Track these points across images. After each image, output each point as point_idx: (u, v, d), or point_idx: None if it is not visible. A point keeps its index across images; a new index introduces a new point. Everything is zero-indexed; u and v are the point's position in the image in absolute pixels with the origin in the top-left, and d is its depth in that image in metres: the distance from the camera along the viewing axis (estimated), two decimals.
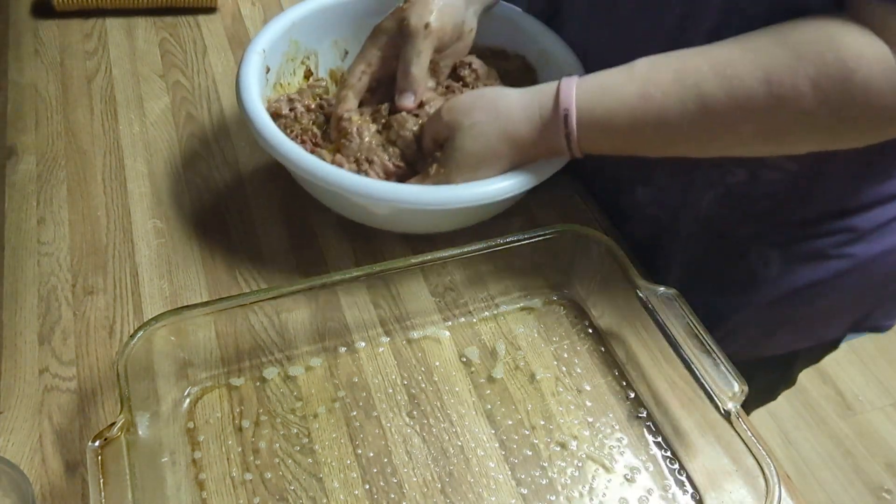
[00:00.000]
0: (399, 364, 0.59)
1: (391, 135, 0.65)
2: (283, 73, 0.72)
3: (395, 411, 0.56)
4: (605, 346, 0.61)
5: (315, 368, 0.58)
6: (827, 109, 0.50)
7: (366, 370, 0.58)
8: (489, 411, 0.57)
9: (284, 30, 0.70)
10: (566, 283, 0.64)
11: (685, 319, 0.54)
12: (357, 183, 0.58)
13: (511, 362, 0.60)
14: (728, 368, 0.52)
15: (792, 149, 0.55)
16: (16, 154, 0.73)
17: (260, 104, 0.63)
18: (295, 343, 0.59)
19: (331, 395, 0.57)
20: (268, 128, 0.61)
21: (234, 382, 0.57)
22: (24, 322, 0.59)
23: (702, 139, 0.55)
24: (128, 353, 0.50)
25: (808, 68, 0.49)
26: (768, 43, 0.51)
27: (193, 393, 0.56)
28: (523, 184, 0.60)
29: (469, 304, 0.63)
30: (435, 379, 0.58)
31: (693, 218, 0.68)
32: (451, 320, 0.62)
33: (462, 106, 0.60)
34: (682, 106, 0.53)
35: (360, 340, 0.60)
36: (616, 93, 0.56)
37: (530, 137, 0.58)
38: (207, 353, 0.57)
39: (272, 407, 0.56)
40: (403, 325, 0.61)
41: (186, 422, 0.55)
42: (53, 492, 0.50)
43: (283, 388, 0.57)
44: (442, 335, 0.61)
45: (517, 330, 0.62)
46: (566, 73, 0.67)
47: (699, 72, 0.53)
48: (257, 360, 0.58)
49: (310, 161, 0.59)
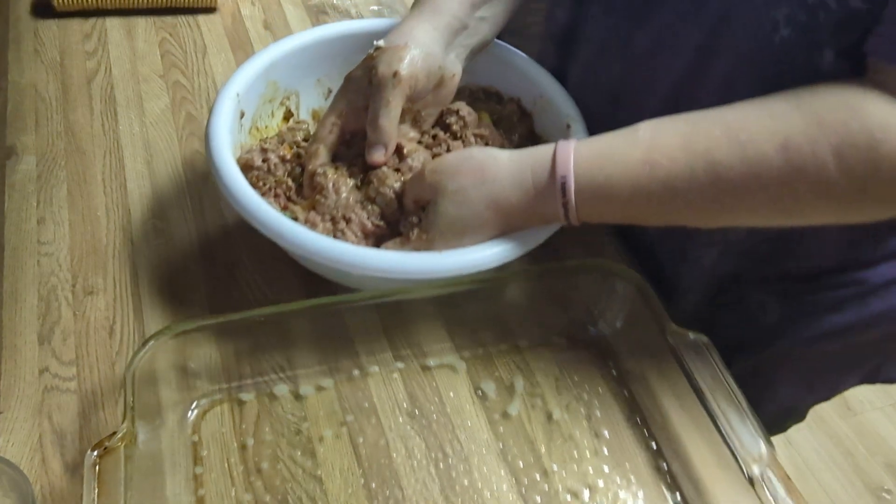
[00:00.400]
0: (411, 392, 0.57)
1: (370, 191, 0.60)
2: (261, 116, 0.68)
3: (404, 441, 0.54)
4: (628, 389, 0.58)
5: (326, 389, 0.57)
6: (850, 181, 0.46)
7: (376, 396, 0.57)
8: (502, 450, 0.54)
9: (262, 70, 0.66)
10: (590, 321, 0.61)
11: (714, 369, 0.51)
12: (330, 248, 0.53)
13: (528, 399, 0.57)
14: (755, 426, 0.48)
15: (807, 221, 0.51)
16: (16, 154, 0.73)
17: (229, 156, 0.58)
18: (307, 362, 0.57)
19: (339, 419, 0.55)
20: (236, 184, 0.56)
21: (244, 397, 0.56)
22: (24, 322, 0.59)
23: (711, 210, 0.51)
24: (137, 363, 0.49)
25: (830, 137, 0.46)
26: (786, 108, 0.48)
27: (202, 405, 0.55)
28: (510, 253, 0.55)
29: (487, 335, 0.60)
30: (447, 411, 0.56)
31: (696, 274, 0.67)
32: (467, 350, 0.60)
33: (447, 168, 0.56)
34: (691, 174, 0.49)
35: (374, 364, 0.58)
36: (618, 159, 0.52)
37: (521, 205, 0.54)
38: (217, 366, 0.56)
39: (278, 426, 0.54)
40: (418, 353, 0.59)
41: (191, 434, 0.53)
42: (53, 492, 0.50)
43: (291, 407, 0.56)
44: (458, 365, 0.59)
45: (536, 366, 0.59)
46: (563, 121, 0.65)
47: (710, 137, 0.49)
48: (268, 376, 0.57)
49: (279, 222, 0.54)
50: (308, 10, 0.95)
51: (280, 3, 0.96)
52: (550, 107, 0.68)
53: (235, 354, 0.56)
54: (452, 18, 0.63)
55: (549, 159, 0.53)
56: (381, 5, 0.98)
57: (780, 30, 0.51)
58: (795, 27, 0.51)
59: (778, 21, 0.51)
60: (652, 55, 0.61)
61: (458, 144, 0.65)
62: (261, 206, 0.55)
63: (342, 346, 0.58)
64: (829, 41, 0.50)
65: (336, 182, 0.60)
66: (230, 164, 0.57)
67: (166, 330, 0.51)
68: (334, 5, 0.97)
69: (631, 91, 0.64)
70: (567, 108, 0.66)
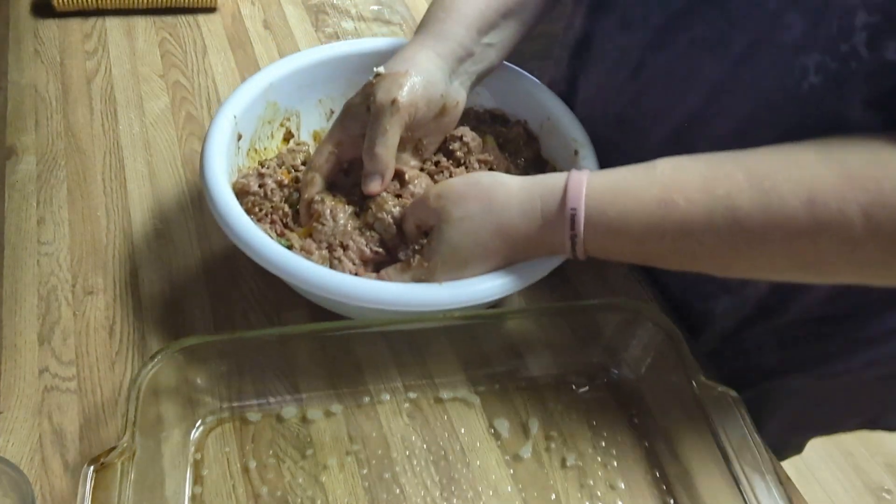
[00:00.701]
0: (422, 425, 0.55)
1: (368, 217, 0.59)
2: (259, 138, 0.66)
3: (412, 475, 0.52)
4: (648, 440, 0.55)
5: (334, 415, 0.55)
6: (877, 243, 0.43)
7: (385, 426, 0.55)
8: (510, 494, 0.52)
9: (260, 92, 0.64)
10: (613, 363, 0.58)
11: (742, 430, 0.48)
12: (326, 279, 0.52)
13: (542, 442, 0.55)
14: (780, 497, 0.46)
15: (828, 279, 0.49)
16: (16, 154, 0.73)
17: (224, 181, 0.57)
18: (316, 385, 0.56)
19: (345, 448, 0.53)
20: (230, 211, 0.55)
21: (250, 417, 0.54)
22: (24, 322, 0.59)
23: (727, 257, 0.48)
24: (143, 378, 0.48)
25: (859, 194, 0.43)
26: (814, 160, 0.45)
27: (207, 423, 0.54)
28: (510, 286, 0.53)
29: (503, 370, 0.58)
30: (458, 448, 0.54)
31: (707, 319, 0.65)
32: (482, 384, 0.57)
33: (453, 194, 0.53)
34: (709, 217, 0.46)
35: (385, 392, 0.56)
36: (633, 195, 0.49)
37: (528, 234, 0.52)
38: (225, 384, 0.54)
39: (283, 450, 0.53)
40: (430, 384, 0.57)
41: (194, 452, 0.52)
42: (53, 492, 0.50)
43: (297, 431, 0.54)
44: (472, 399, 0.56)
45: (553, 406, 0.56)
46: (571, 146, 0.63)
47: (732, 180, 0.46)
48: (277, 396, 0.55)
49: (271, 249, 0.53)
50: (308, 10, 0.95)
51: (280, 2, 0.96)
52: (557, 130, 0.66)
53: (243, 373, 0.54)
54: (457, 46, 0.61)
55: (560, 188, 0.51)
56: (380, 5, 0.98)
57: (810, 77, 0.49)
58: (826, 75, 0.48)
59: (808, 68, 0.49)
60: (665, 83, 0.59)
61: (462, 171, 0.63)
62: (254, 234, 0.53)
63: (352, 372, 0.57)
64: (859, 91, 0.47)
65: (334, 209, 0.59)
66: (224, 190, 0.56)
67: (174, 344, 0.50)
68: (334, 5, 0.97)
69: (640, 117, 0.62)
70: (574, 132, 0.64)
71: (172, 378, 0.51)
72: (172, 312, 0.61)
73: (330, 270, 0.53)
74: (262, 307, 0.62)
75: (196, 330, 0.60)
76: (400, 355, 0.58)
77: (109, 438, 0.53)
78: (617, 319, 0.56)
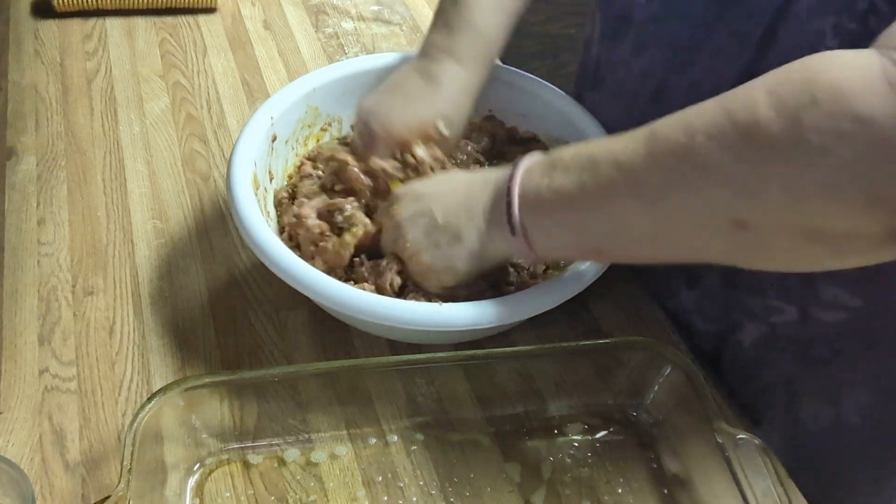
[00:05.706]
0: (432, 467, 0.53)
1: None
2: (298, 140, 0.68)
3: None
4: (668, 488, 0.52)
5: (340, 457, 0.53)
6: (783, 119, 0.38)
7: (395, 468, 0.53)
8: None
9: (301, 96, 0.66)
10: (632, 405, 0.56)
11: (767, 480, 0.45)
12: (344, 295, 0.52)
13: (555, 488, 0.52)
14: None
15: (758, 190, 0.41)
16: (16, 154, 0.73)
17: (250, 193, 0.57)
18: (322, 425, 0.54)
19: (351, 493, 0.51)
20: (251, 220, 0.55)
21: (252, 460, 0.52)
22: (24, 322, 0.59)
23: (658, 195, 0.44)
24: (140, 420, 0.46)
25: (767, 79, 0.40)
26: None
27: (207, 465, 0.51)
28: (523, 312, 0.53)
29: (518, 408, 0.56)
30: (467, 493, 0.51)
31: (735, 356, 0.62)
32: (495, 424, 0.55)
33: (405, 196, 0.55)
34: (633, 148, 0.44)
35: (393, 434, 0.54)
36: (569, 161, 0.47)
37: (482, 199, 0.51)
38: (225, 426, 0.52)
39: (284, 495, 0.50)
40: (443, 422, 0.55)
41: (193, 498, 0.50)
42: (53, 491, 0.50)
43: (301, 475, 0.52)
44: (484, 441, 0.54)
45: (568, 449, 0.54)
46: None
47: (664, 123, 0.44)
48: (279, 438, 0.53)
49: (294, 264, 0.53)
50: (308, 10, 0.95)
51: (280, 3, 0.96)
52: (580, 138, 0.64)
53: (245, 413, 0.53)
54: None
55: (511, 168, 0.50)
56: (380, 5, 0.98)
57: (827, 40, 0.47)
58: (843, 38, 0.47)
59: (824, 32, 0.47)
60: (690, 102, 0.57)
61: None
62: (274, 244, 0.54)
63: (361, 411, 0.55)
64: None
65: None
66: (249, 200, 0.56)
67: (174, 385, 0.48)
68: (334, 5, 0.97)
69: None
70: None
71: (171, 419, 0.49)
72: (172, 313, 0.61)
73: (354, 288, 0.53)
74: (263, 306, 0.62)
75: (196, 329, 0.60)
76: (413, 394, 0.56)
77: (109, 439, 0.53)
78: (638, 359, 0.54)
